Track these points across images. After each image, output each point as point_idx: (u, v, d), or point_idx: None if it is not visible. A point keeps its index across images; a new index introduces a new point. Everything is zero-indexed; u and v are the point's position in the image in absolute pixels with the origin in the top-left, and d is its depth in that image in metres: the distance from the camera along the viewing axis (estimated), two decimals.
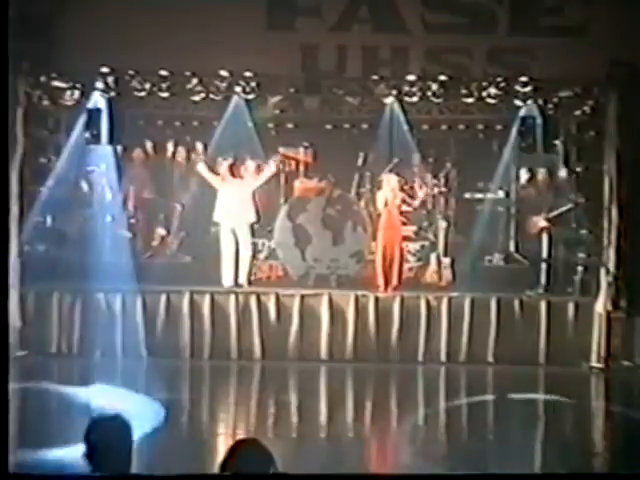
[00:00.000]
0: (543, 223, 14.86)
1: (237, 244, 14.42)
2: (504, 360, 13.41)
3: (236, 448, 4.12)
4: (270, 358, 13.45)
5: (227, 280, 14.35)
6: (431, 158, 15.85)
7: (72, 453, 5.97)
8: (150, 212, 15.73)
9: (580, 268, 14.33)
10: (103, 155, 15.69)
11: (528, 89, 14.46)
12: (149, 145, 15.94)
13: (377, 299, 13.75)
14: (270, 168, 14.76)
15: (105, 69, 14.38)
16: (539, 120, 14.26)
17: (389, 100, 14.70)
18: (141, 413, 9.46)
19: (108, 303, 13.63)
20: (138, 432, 4.46)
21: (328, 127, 15.85)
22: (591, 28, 15.23)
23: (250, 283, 14.44)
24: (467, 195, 15.78)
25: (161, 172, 15.97)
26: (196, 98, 14.71)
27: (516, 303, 13.72)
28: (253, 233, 14.71)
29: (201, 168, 14.76)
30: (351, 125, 15.89)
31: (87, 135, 15.40)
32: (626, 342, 13.49)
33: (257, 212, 14.68)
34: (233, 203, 14.41)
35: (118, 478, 4.14)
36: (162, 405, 10.58)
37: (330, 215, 15.49)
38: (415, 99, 14.63)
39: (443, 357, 13.56)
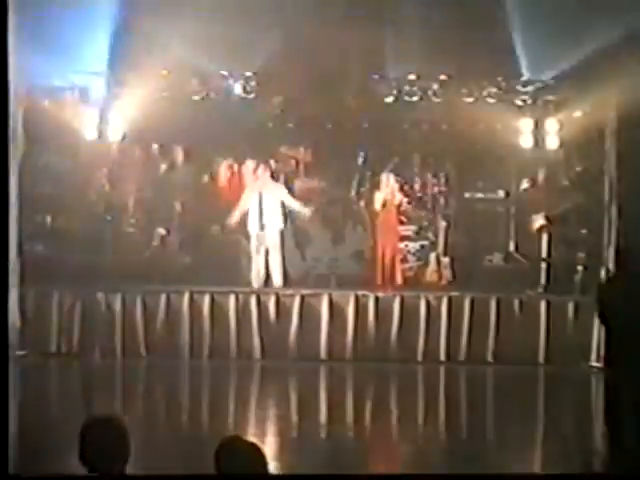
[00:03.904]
0: (542, 221, 14.86)
1: (267, 246, 14.40)
2: (504, 360, 13.41)
3: (221, 448, 4.15)
4: (270, 358, 13.45)
5: (256, 281, 14.38)
6: (431, 158, 15.86)
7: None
8: (150, 212, 15.73)
9: (580, 268, 14.34)
10: (103, 154, 15.73)
11: (528, 89, 14.47)
12: (149, 145, 15.94)
13: (377, 299, 13.74)
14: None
15: (105, 69, 14.40)
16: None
17: (389, 100, 14.71)
18: None
19: (108, 303, 13.63)
20: None
21: (328, 127, 15.86)
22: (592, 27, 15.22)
23: (285, 284, 14.42)
24: (467, 195, 15.80)
25: (161, 172, 15.97)
26: (196, 98, 14.71)
27: (516, 303, 13.72)
28: (283, 236, 14.64)
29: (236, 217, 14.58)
30: (351, 125, 15.88)
31: (88, 134, 15.45)
32: None
33: (285, 217, 14.64)
34: (267, 208, 14.39)
35: (117, 478, 4.15)
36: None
37: (330, 215, 15.51)
38: (415, 99, 14.63)
39: (443, 357, 13.57)
